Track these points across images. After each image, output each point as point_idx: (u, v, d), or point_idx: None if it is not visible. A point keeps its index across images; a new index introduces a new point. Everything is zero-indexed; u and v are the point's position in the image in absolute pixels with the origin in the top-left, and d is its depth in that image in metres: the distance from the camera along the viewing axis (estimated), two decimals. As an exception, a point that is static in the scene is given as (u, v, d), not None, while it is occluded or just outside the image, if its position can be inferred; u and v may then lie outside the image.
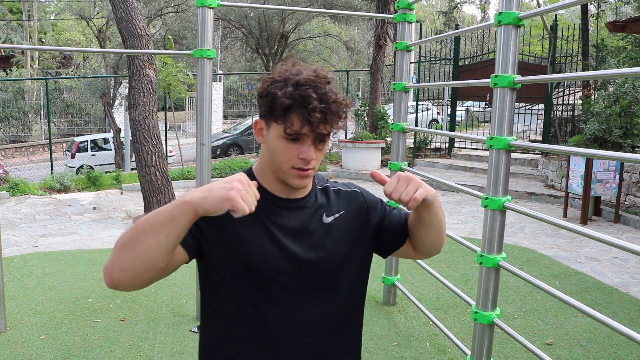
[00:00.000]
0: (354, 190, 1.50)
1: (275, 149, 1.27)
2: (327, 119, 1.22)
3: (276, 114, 1.23)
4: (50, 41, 29.26)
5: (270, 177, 1.34)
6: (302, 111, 1.20)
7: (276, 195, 1.34)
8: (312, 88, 1.22)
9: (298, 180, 1.28)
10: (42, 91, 20.72)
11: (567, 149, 2.43)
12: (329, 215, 1.39)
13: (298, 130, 1.22)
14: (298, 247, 1.32)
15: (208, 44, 3.59)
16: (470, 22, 43.90)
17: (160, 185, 7.09)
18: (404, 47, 4.04)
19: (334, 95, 1.24)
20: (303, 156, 1.25)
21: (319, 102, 1.20)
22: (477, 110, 17.87)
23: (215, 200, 1.06)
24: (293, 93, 1.21)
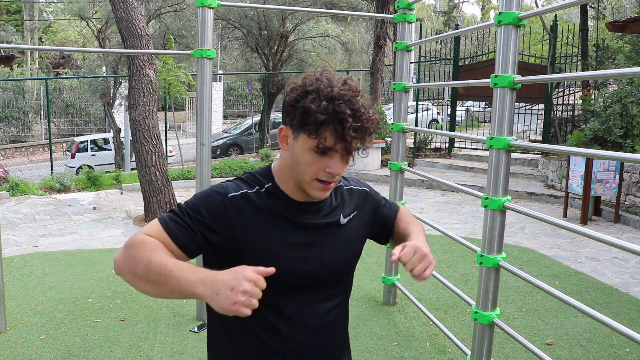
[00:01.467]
0: (364, 189, 1.52)
1: (301, 160, 1.26)
2: (360, 136, 1.23)
3: (309, 128, 1.21)
4: (46, 42, 29.25)
5: (291, 182, 1.33)
6: (337, 128, 1.20)
7: (295, 200, 1.34)
8: (345, 103, 1.21)
9: (320, 192, 1.29)
10: (42, 91, 20.73)
11: (567, 149, 2.43)
12: (345, 217, 1.41)
13: (331, 146, 1.22)
14: (318, 250, 1.34)
15: (208, 44, 3.59)
16: (470, 22, 43.90)
17: (160, 185, 7.09)
18: (404, 47, 4.04)
19: (367, 112, 1.24)
20: (330, 170, 1.25)
21: (353, 120, 1.20)
22: (477, 110, 17.88)
23: (219, 306, 1.08)
24: (327, 108, 1.20)
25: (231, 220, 1.27)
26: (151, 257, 1.17)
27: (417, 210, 7.90)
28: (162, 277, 1.14)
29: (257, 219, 1.29)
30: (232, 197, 1.29)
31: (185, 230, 1.25)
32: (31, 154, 19.75)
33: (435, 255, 5.67)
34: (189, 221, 1.26)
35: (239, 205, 1.29)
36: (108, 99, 15.98)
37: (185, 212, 1.28)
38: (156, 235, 1.24)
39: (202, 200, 1.29)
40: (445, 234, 3.46)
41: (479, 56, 14.18)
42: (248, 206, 1.30)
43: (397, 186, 4.17)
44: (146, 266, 1.16)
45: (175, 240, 1.25)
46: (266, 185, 1.34)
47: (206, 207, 1.28)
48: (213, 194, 1.30)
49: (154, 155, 7.03)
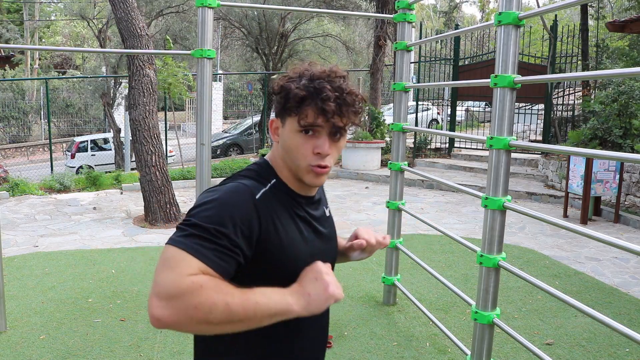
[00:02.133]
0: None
1: (291, 145, 1.24)
2: (342, 110, 1.21)
3: (290, 107, 1.22)
4: (47, 43, 29.25)
5: (289, 176, 1.30)
6: (316, 102, 1.19)
7: (297, 193, 1.32)
8: (326, 81, 1.21)
9: (315, 178, 1.26)
10: (42, 91, 20.72)
11: (567, 149, 2.43)
12: (327, 208, 1.46)
13: (312, 121, 1.20)
14: (321, 242, 1.36)
15: (208, 44, 3.59)
16: (470, 22, 43.89)
17: (160, 185, 7.09)
18: (404, 47, 4.04)
19: (349, 88, 1.23)
20: (318, 150, 1.22)
21: (333, 93, 1.19)
22: (477, 110, 17.88)
23: (320, 304, 1.10)
24: (307, 85, 1.21)
25: (263, 225, 1.18)
26: (224, 299, 1.04)
27: (417, 210, 7.90)
28: (250, 312, 1.06)
29: (280, 219, 1.24)
30: (259, 198, 1.20)
31: (226, 255, 1.11)
32: (31, 154, 19.75)
33: (435, 255, 5.70)
34: (224, 242, 1.11)
35: (266, 206, 1.21)
36: (108, 99, 15.98)
37: (213, 231, 1.11)
38: (196, 269, 1.06)
39: (229, 210, 1.15)
40: (445, 234, 3.46)
41: (479, 56, 14.19)
42: (271, 206, 1.23)
43: (397, 186, 4.17)
44: (225, 309, 1.03)
45: (222, 271, 1.10)
46: (272, 180, 1.28)
47: (235, 218, 1.14)
48: (240, 199, 1.18)
49: (154, 155, 7.03)
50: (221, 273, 1.09)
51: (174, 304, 1.02)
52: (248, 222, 1.15)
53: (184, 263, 1.06)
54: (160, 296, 1.02)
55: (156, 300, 1.03)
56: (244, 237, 1.14)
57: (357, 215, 7.68)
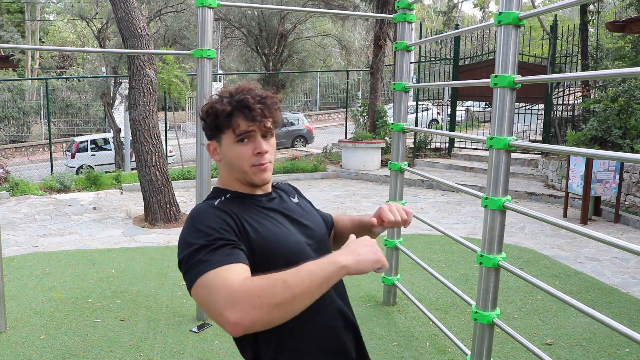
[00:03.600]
0: (285, 182, 1.69)
1: (232, 156, 1.38)
2: (266, 112, 1.36)
3: (221, 123, 1.36)
4: (47, 43, 29.25)
5: (237, 184, 1.44)
6: (244, 112, 1.35)
7: (253, 194, 1.45)
8: (243, 93, 1.37)
9: (260, 174, 1.40)
10: (42, 91, 20.72)
11: (567, 149, 2.43)
12: (294, 198, 1.57)
13: (246, 128, 1.35)
14: (298, 227, 1.45)
15: (208, 44, 3.59)
16: (470, 22, 43.89)
17: (160, 185, 7.09)
18: (404, 47, 4.04)
19: (264, 92, 1.40)
20: (257, 150, 1.37)
21: (254, 100, 1.35)
22: (477, 110, 17.87)
23: (368, 263, 1.16)
24: (230, 101, 1.36)
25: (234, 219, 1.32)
26: (278, 277, 1.11)
27: (417, 210, 7.90)
28: (306, 281, 1.11)
29: (243, 215, 1.36)
30: (218, 204, 1.37)
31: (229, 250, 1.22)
32: (31, 154, 19.75)
33: (435, 255, 5.70)
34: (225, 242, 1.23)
35: (229, 208, 1.36)
36: (108, 99, 15.98)
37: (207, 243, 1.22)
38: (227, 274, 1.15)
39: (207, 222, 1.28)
40: (445, 234, 3.46)
41: (479, 56, 14.18)
42: (233, 207, 1.37)
43: (397, 186, 4.18)
44: (284, 286, 1.10)
45: (237, 261, 1.19)
46: (227, 194, 1.43)
47: (210, 224, 1.27)
48: (208, 211, 1.34)
49: (154, 155, 7.03)
50: (240, 262, 1.21)
51: (239, 306, 1.08)
52: (224, 221, 1.29)
53: (220, 278, 1.14)
54: (226, 308, 1.09)
55: (224, 312, 1.09)
56: (230, 232, 1.28)
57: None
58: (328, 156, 13.12)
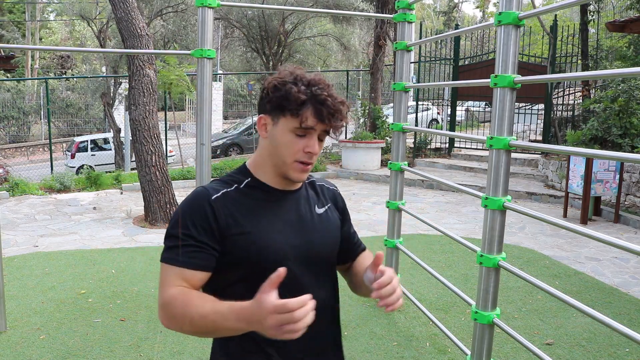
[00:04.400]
0: (334, 188, 1.61)
1: (282, 142, 1.34)
2: (336, 116, 1.32)
3: (290, 108, 1.30)
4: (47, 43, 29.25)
5: (269, 170, 1.40)
6: (317, 108, 1.30)
7: (273, 187, 1.41)
8: (321, 88, 1.31)
9: (300, 173, 1.36)
10: (42, 91, 20.72)
11: (567, 149, 2.43)
12: (320, 207, 1.49)
13: (312, 124, 1.31)
14: (298, 235, 1.39)
15: (208, 44, 3.59)
16: (470, 22, 43.89)
17: (160, 185, 7.09)
18: (404, 47, 4.04)
19: (339, 97, 1.34)
20: (309, 149, 1.33)
21: (331, 101, 1.30)
22: (477, 110, 17.87)
23: (270, 333, 1.10)
24: (307, 90, 1.30)
25: (220, 220, 1.32)
26: (190, 313, 1.21)
27: (417, 210, 7.90)
28: (209, 328, 1.20)
29: (241, 212, 1.35)
30: (216, 198, 1.34)
31: (194, 252, 1.30)
32: (31, 154, 19.75)
33: (435, 255, 5.70)
34: (192, 242, 1.30)
35: (224, 204, 1.34)
36: (108, 99, 15.98)
37: (182, 236, 1.31)
38: (175, 278, 1.28)
39: (188, 214, 1.33)
40: (445, 234, 3.46)
41: (479, 56, 14.18)
42: (232, 203, 1.35)
43: (397, 186, 4.17)
44: (190, 324, 1.22)
45: (195, 267, 1.30)
46: (245, 181, 1.41)
47: (194, 219, 1.31)
48: (196, 202, 1.34)
49: (154, 155, 7.03)
50: (196, 269, 1.29)
51: (162, 313, 1.27)
52: (205, 219, 1.31)
53: (166, 276, 1.30)
54: (160, 306, 1.29)
55: (159, 308, 1.29)
56: (206, 233, 1.30)
57: (357, 215, 7.68)
58: (328, 156, 13.12)
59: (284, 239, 1.36)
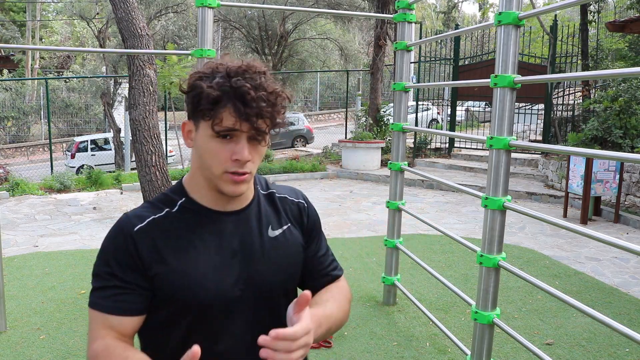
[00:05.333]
0: (299, 201, 1.32)
1: (205, 151, 1.10)
2: (264, 112, 1.06)
3: (202, 109, 1.07)
4: (47, 43, 29.26)
5: (203, 186, 1.17)
6: (234, 103, 1.05)
7: (211, 209, 1.17)
8: (244, 78, 1.06)
9: (233, 186, 1.12)
10: (42, 91, 20.72)
11: (567, 149, 2.43)
12: (276, 228, 1.24)
13: (230, 126, 1.06)
14: (240, 268, 1.16)
15: (208, 44, 3.59)
16: (470, 22, 43.90)
17: (160, 185, 7.08)
18: (404, 47, 4.04)
19: (270, 85, 1.09)
20: (237, 157, 1.08)
21: (255, 93, 1.05)
22: (477, 110, 17.87)
23: None
24: (222, 84, 1.06)
25: (143, 256, 1.12)
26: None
27: (417, 210, 7.90)
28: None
29: (168, 245, 1.14)
30: (139, 229, 1.14)
31: (120, 295, 1.12)
32: (31, 154, 19.75)
33: (435, 255, 5.69)
34: (117, 283, 1.12)
35: (149, 236, 1.14)
36: (108, 99, 15.98)
37: (104, 276, 1.13)
38: (101, 327, 1.13)
39: (111, 249, 1.15)
40: (445, 234, 3.46)
41: (479, 56, 14.18)
42: (159, 234, 1.15)
43: (397, 186, 4.18)
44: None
45: (120, 312, 1.13)
46: (179, 202, 1.19)
47: (117, 255, 1.13)
48: (118, 236, 1.16)
49: (154, 155, 7.02)
50: (122, 314, 1.13)
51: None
52: (128, 255, 1.12)
53: (92, 324, 1.14)
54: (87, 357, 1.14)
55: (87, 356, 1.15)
56: (131, 271, 1.12)
57: (357, 215, 7.67)
58: (328, 156, 13.13)
59: (217, 274, 1.14)
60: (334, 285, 1.35)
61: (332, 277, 1.36)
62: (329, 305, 1.23)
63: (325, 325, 1.17)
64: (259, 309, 1.19)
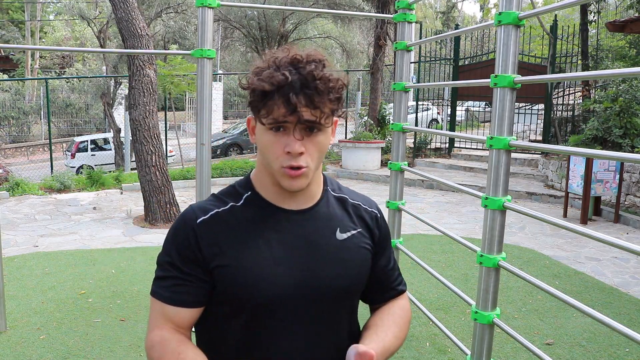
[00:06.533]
0: (373, 211, 1.29)
1: (262, 145, 1.11)
2: (312, 100, 1.04)
3: (255, 102, 1.08)
4: (47, 43, 29.27)
5: (267, 181, 1.16)
6: (283, 94, 1.03)
7: (277, 206, 1.17)
8: (294, 68, 1.05)
9: (289, 181, 1.10)
10: (42, 91, 20.72)
11: (567, 149, 2.43)
12: (344, 231, 1.21)
13: (279, 117, 1.05)
14: (302, 268, 1.14)
15: (208, 44, 3.59)
16: (470, 22, 43.90)
17: (160, 185, 7.09)
18: (404, 47, 4.04)
19: (321, 73, 1.05)
20: (288, 149, 1.07)
21: (301, 83, 1.03)
22: (477, 110, 17.87)
23: None
24: (272, 76, 1.04)
25: (203, 250, 1.13)
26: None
27: (417, 210, 7.90)
28: None
29: (230, 240, 1.14)
30: (202, 222, 1.14)
31: (178, 286, 1.13)
32: (31, 154, 19.75)
33: (435, 255, 5.69)
34: (176, 274, 1.14)
35: (211, 229, 1.14)
36: (108, 99, 15.98)
37: (164, 266, 1.15)
38: (159, 316, 1.15)
39: (173, 240, 1.16)
40: (445, 234, 3.46)
41: (479, 56, 14.18)
42: (221, 228, 1.14)
43: (397, 186, 4.17)
44: None
45: (178, 303, 1.14)
46: (245, 195, 1.19)
47: (179, 247, 1.14)
48: (180, 227, 1.16)
49: (154, 155, 7.03)
50: (179, 305, 1.14)
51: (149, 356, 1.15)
52: (189, 248, 1.13)
53: (152, 312, 1.17)
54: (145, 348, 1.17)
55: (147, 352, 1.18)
56: (191, 262, 1.13)
57: (357, 215, 7.67)
58: (328, 156, 13.13)
59: (279, 270, 1.12)
60: (397, 305, 1.36)
61: (396, 292, 1.37)
62: (389, 335, 1.25)
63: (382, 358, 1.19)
64: (318, 311, 1.16)
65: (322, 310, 1.17)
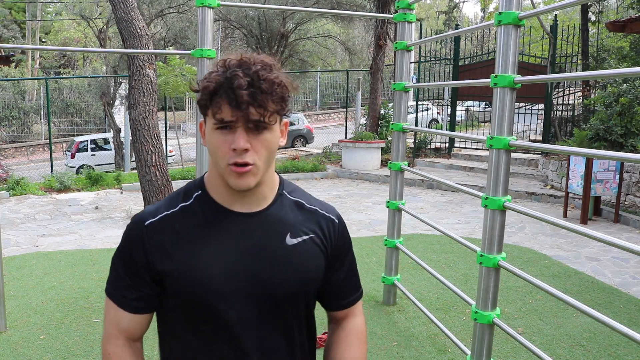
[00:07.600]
0: (331, 217, 1.28)
1: (210, 145, 1.12)
2: (257, 99, 1.06)
3: (203, 102, 1.10)
4: (51, 42, 29.28)
5: (219, 184, 1.17)
6: (227, 94, 1.06)
7: (226, 208, 1.17)
8: (242, 70, 1.07)
9: (235, 179, 1.10)
10: (42, 91, 20.72)
11: (567, 149, 2.43)
12: (295, 236, 1.20)
13: (226, 116, 1.07)
14: (248, 270, 1.15)
15: (208, 44, 3.59)
16: (470, 22, 43.90)
17: (160, 185, 7.08)
18: (404, 47, 4.04)
19: (268, 74, 1.08)
20: (233, 146, 1.07)
21: (247, 82, 1.06)
22: (477, 110, 17.87)
23: None
24: (220, 76, 1.08)
25: (151, 250, 1.15)
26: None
27: (417, 210, 7.90)
28: None
29: (177, 242, 1.15)
30: (150, 224, 1.16)
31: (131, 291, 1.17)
32: (31, 154, 19.75)
33: (435, 255, 5.69)
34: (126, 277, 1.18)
35: (158, 232, 1.16)
36: (108, 99, 15.98)
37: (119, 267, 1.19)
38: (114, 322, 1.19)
39: (124, 243, 1.19)
40: (445, 234, 3.46)
41: (479, 56, 14.18)
42: (169, 230, 1.16)
43: (397, 186, 4.17)
44: None
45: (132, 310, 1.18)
46: (195, 194, 1.20)
47: (128, 248, 1.17)
48: (132, 229, 1.18)
49: (154, 155, 7.02)
50: (131, 310, 1.18)
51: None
52: (135, 251, 1.16)
53: (107, 312, 1.21)
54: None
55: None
56: (139, 266, 1.16)
57: (357, 215, 7.68)
58: (328, 156, 13.13)
59: (223, 273, 1.13)
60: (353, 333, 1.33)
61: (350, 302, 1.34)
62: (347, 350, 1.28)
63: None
64: (267, 317, 1.17)
65: (271, 316, 1.18)
